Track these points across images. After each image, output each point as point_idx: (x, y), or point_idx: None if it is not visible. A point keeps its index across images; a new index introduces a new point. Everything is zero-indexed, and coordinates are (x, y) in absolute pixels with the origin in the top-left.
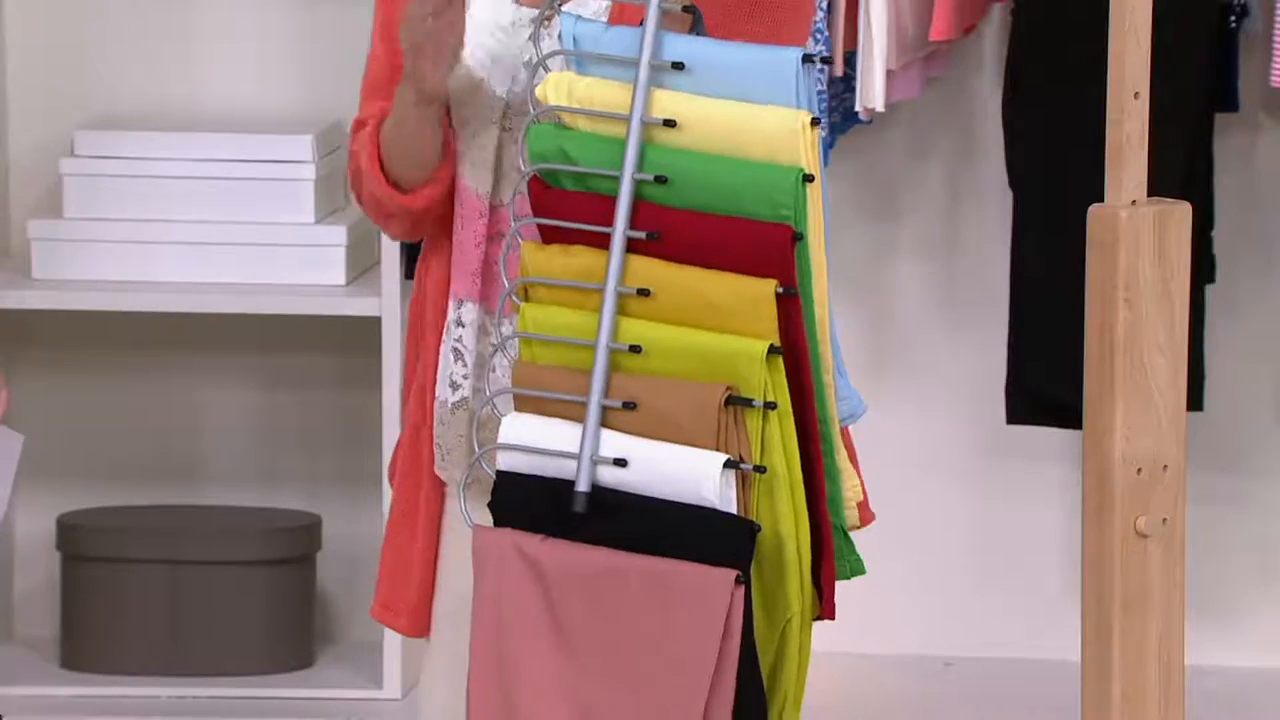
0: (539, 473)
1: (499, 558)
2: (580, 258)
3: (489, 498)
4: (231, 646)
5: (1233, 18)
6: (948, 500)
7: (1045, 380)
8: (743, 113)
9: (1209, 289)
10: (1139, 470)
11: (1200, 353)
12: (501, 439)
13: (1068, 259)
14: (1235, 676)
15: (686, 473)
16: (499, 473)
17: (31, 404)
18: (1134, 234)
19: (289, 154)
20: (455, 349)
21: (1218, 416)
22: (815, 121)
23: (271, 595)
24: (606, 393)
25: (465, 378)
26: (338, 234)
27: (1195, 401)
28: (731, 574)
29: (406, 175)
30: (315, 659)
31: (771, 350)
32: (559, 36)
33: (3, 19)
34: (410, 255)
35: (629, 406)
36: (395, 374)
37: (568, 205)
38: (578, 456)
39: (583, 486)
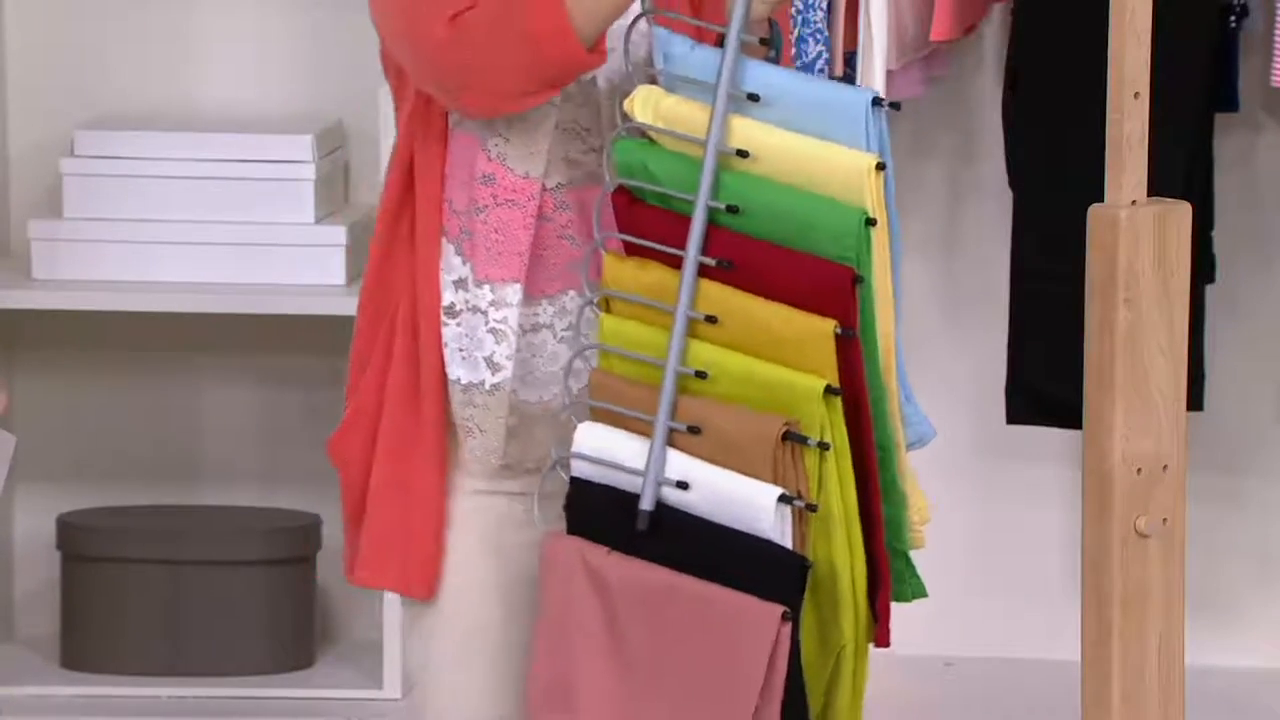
0: (609, 483)
1: (567, 566)
2: (654, 274)
3: (539, 487)
4: (231, 646)
5: (1233, 18)
6: (948, 500)
7: (1045, 380)
8: (816, 149)
9: (1209, 289)
10: (1139, 470)
11: (1200, 353)
12: (575, 447)
13: (1068, 259)
14: (1235, 676)
15: (744, 502)
16: (573, 479)
17: (31, 404)
18: (1134, 234)
19: (289, 154)
20: (495, 329)
21: (1218, 416)
22: (881, 166)
23: (271, 595)
24: (673, 414)
25: (509, 359)
26: (338, 234)
27: (1195, 401)
28: (779, 609)
29: (597, 31)
30: (315, 659)
31: (828, 390)
32: (649, 52)
33: (3, 19)
34: None
35: (694, 430)
36: None
37: (648, 222)
38: (643, 475)
39: (646, 505)
